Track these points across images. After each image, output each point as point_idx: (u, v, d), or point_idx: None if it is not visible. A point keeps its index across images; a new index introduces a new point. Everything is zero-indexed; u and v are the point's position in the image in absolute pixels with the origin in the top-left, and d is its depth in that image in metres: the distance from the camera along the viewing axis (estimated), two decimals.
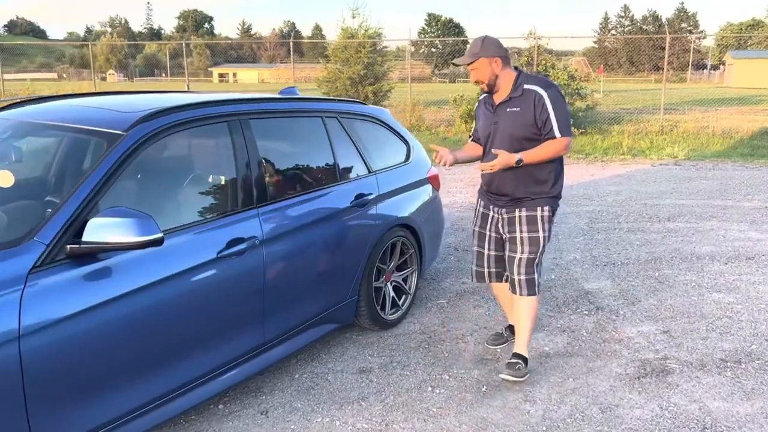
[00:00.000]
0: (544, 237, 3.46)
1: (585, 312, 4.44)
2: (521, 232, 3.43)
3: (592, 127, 15.69)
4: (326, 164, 3.75)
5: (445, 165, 3.41)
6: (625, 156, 12.33)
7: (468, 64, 3.38)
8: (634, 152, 12.76)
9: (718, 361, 3.69)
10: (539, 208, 3.43)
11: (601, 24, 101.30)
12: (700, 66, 77.34)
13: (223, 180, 3.13)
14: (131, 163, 2.70)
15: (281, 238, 3.24)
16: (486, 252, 3.66)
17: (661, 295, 4.73)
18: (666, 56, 15.67)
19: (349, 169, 3.89)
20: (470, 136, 3.80)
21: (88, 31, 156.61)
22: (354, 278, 3.78)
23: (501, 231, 3.54)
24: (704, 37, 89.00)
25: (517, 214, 3.44)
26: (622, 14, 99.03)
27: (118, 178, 2.63)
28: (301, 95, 4.21)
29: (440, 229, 4.80)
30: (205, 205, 3.03)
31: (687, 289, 4.85)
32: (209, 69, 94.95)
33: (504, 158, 3.23)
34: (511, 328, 3.95)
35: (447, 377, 3.54)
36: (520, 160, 3.25)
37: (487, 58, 3.32)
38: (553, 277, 5.18)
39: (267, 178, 3.29)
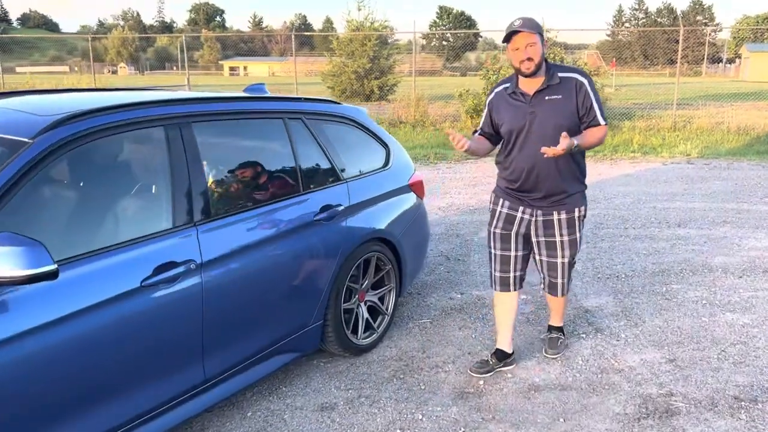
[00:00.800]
0: (581, 237, 3.46)
1: (582, 335, 4.00)
2: (561, 236, 3.36)
3: None
4: (286, 172, 3.32)
5: (462, 148, 3.16)
6: (636, 154, 11.81)
7: (531, 33, 3.11)
8: (645, 150, 12.24)
9: (731, 399, 3.23)
10: (576, 209, 3.36)
11: (615, 17, 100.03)
12: (715, 59, 76.15)
13: (154, 194, 2.71)
14: (37, 176, 2.29)
15: (226, 260, 2.81)
16: (513, 254, 3.46)
17: (668, 315, 4.26)
18: (680, 49, 15.10)
19: (314, 178, 3.46)
20: (475, 131, 3.50)
21: (101, 24, 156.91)
22: (318, 301, 3.36)
23: (533, 233, 3.41)
24: (720, 30, 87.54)
25: (555, 217, 3.33)
26: (636, 7, 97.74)
27: (18, 195, 2.22)
28: (270, 94, 3.79)
29: (424, 241, 4.36)
30: (131, 225, 2.60)
31: (697, 308, 4.38)
32: (220, 62, 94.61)
33: (565, 143, 2.99)
34: (497, 354, 3.58)
35: (420, 416, 3.11)
36: (578, 145, 3.09)
37: (541, 38, 3.18)
38: None
39: (210, 191, 2.87)
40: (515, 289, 3.52)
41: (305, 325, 3.33)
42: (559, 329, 3.82)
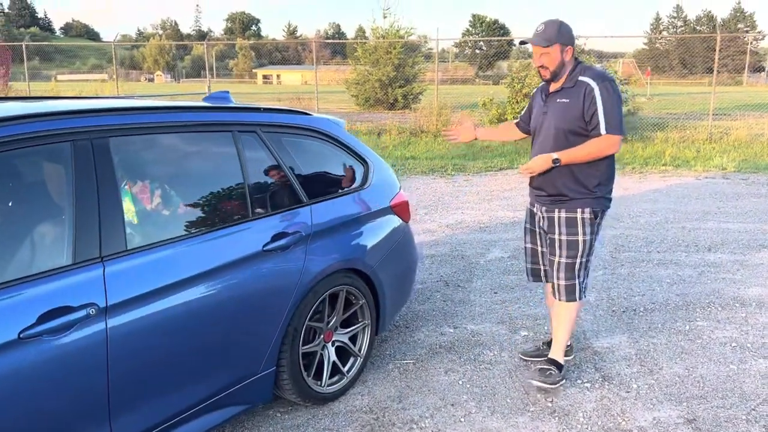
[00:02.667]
0: (585, 241, 3.26)
1: (587, 383, 3.44)
2: (560, 234, 3.28)
3: (633, 134, 14.46)
4: (231, 195, 2.84)
5: (454, 140, 3.69)
6: (667, 167, 11.10)
7: (542, 47, 3.16)
8: (678, 162, 11.53)
9: None
10: (579, 210, 3.23)
11: (652, 25, 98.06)
12: (757, 69, 73.92)
13: (48, 224, 2.26)
14: None
15: (141, 302, 2.34)
16: (539, 249, 3.52)
17: (690, 361, 3.68)
18: (716, 57, 14.31)
19: (267, 201, 2.98)
20: (514, 117, 3.39)
21: (140, 33, 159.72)
22: (269, 345, 2.87)
23: (542, 230, 3.43)
24: (762, 38, 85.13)
25: (556, 214, 3.28)
26: (675, 15, 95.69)
27: None
28: (234, 103, 3.34)
29: (408, 271, 3.84)
30: (14, 263, 2.14)
31: (725, 352, 3.79)
32: (253, 71, 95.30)
33: (540, 161, 3.16)
34: (550, 343, 3.64)
35: None
36: (557, 160, 3.13)
37: (561, 45, 3.17)
38: None
39: (127, 219, 2.41)
40: (548, 281, 3.52)
41: (252, 373, 2.84)
42: (554, 363, 3.42)
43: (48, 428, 2.12)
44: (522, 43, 3.30)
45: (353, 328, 3.41)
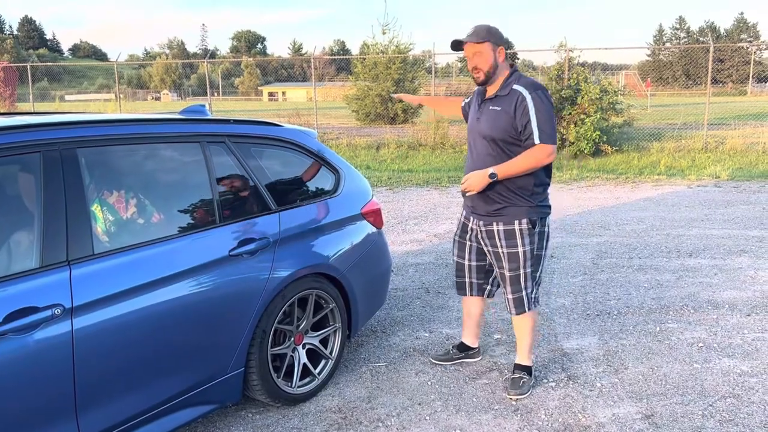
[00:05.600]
0: (525, 251, 3.25)
1: (552, 383, 3.53)
2: (501, 247, 3.28)
3: (629, 144, 14.58)
4: (198, 202, 2.97)
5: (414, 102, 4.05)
6: (660, 176, 11.19)
7: (476, 43, 3.15)
8: (672, 172, 11.62)
9: None
10: (516, 221, 3.23)
11: (655, 36, 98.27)
12: (762, 79, 73.86)
13: (14, 229, 2.40)
14: None
15: (107, 303, 2.47)
16: (466, 262, 3.54)
17: (656, 361, 3.77)
18: (710, 67, 14.42)
19: (235, 208, 3.11)
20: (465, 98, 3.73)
21: (147, 53, 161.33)
22: (237, 346, 2.99)
23: (482, 243, 3.39)
24: (766, 48, 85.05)
25: (494, 227, 3.28)
26: (678, 26, 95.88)
27: None
28: (210, 116, 3.48)
29: (381, 276, 3.95)
30: None
31: (690, 352, 3.87)
32: (259, 88, 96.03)
33: (477, 178, 3.15)
34: (459, 346, 3.80)
35: None
36: (493, 174, 3.11)
37: (493, 44, 3.17)
38: None
39: (94, 225, 2.54)
40: (473, 295, 3.61)
41: (220, 373, 2.96)
42: (524, 368, 3.50)
43: (15, 424, 2.24)
44: (456, 45, 3.23)
45: (324, 331, 3.52)
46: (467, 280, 3.57)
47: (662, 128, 17.31)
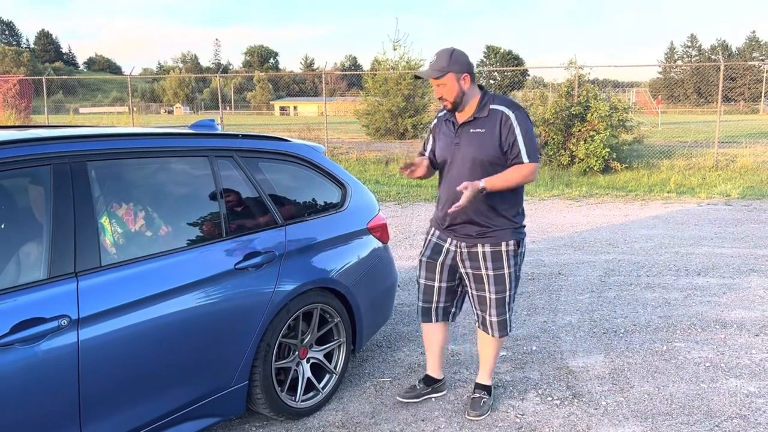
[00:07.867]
0: (510, 273, 3.21)
1: (557, 400, 3.52)
2: (486, 269, 3.19)
3: (639, 162, 14.55)
4: (206, 216, 3.00)
5: (412, 175, 3.22)
6: (670, 194, 11.15)
7: (436, 78, 3.07)
8: (682, 190, 11.58)
9: None
10: (503, 243, 3.17)
11: (666, 54, 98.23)
12: None
13: (23, 241, 2.43)
14: None
15: (113, 315, 2.49)
16: (436, 284, 3.37)
17: (662, 380, 3.74)
18: (720, 85, 14.40)
19: (243, 222, 3.14)
20: (421, 153, 3.44)
21: (160, 67, 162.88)
22: (241, 359, 3.00)
23: (461, 265, 3.27)
24: None
25: (480, 249, 3.18)
26: (689, 44, 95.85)
27: None
28: (219, 130, 3.52)
29: (387, 291, 3.96)
30: None
31: (697, 372, 3.85)
32: (271, 102, 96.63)
33: (469, 193, 2.93)
34: (425, 380, 3.60)
35: None
36: (483, 189, 2.98)
37: (456, 73, 3.07)
38: (533, 348, 4.26)
39: (103, 238, 2.57)
40: (438, 321, 3.46)
41: (225, 386, 2.97)
42: (485, 388, 3.48)
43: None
44: (416, 77, 3.27)
45: (328, 345, 3.53)
46: (434, 304, 3.41)
47: (673, 146, 17.27)
